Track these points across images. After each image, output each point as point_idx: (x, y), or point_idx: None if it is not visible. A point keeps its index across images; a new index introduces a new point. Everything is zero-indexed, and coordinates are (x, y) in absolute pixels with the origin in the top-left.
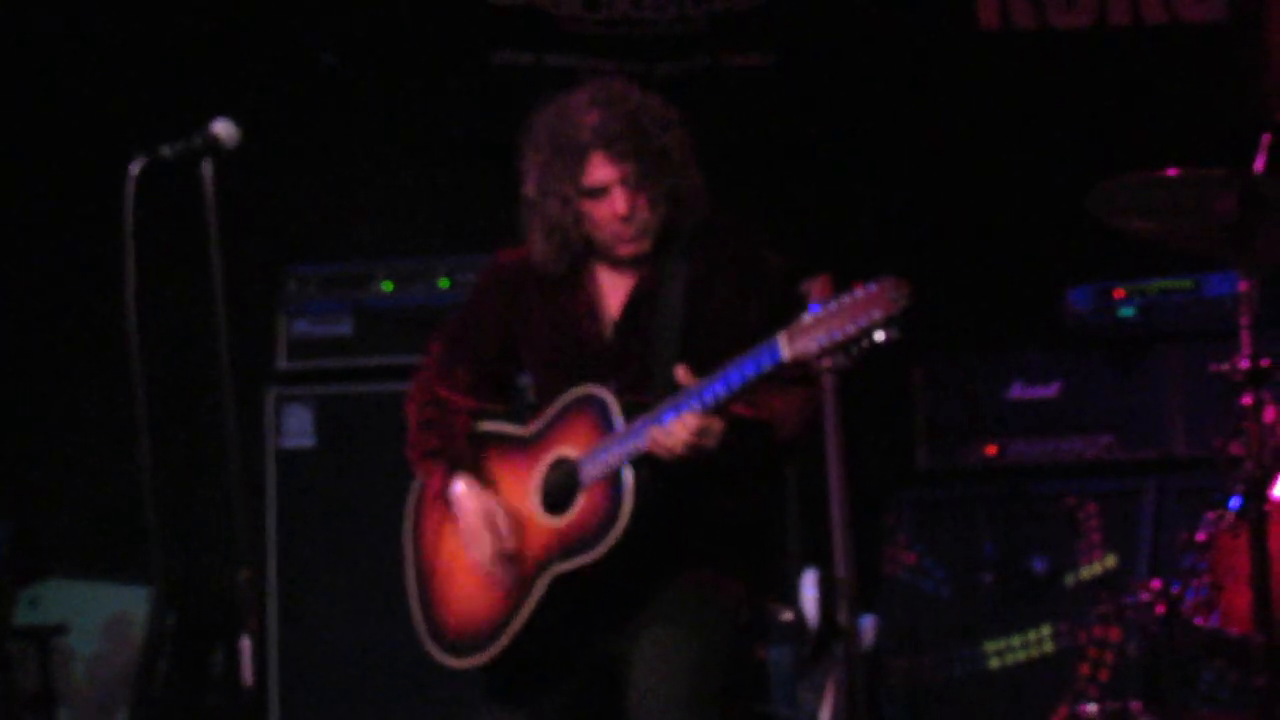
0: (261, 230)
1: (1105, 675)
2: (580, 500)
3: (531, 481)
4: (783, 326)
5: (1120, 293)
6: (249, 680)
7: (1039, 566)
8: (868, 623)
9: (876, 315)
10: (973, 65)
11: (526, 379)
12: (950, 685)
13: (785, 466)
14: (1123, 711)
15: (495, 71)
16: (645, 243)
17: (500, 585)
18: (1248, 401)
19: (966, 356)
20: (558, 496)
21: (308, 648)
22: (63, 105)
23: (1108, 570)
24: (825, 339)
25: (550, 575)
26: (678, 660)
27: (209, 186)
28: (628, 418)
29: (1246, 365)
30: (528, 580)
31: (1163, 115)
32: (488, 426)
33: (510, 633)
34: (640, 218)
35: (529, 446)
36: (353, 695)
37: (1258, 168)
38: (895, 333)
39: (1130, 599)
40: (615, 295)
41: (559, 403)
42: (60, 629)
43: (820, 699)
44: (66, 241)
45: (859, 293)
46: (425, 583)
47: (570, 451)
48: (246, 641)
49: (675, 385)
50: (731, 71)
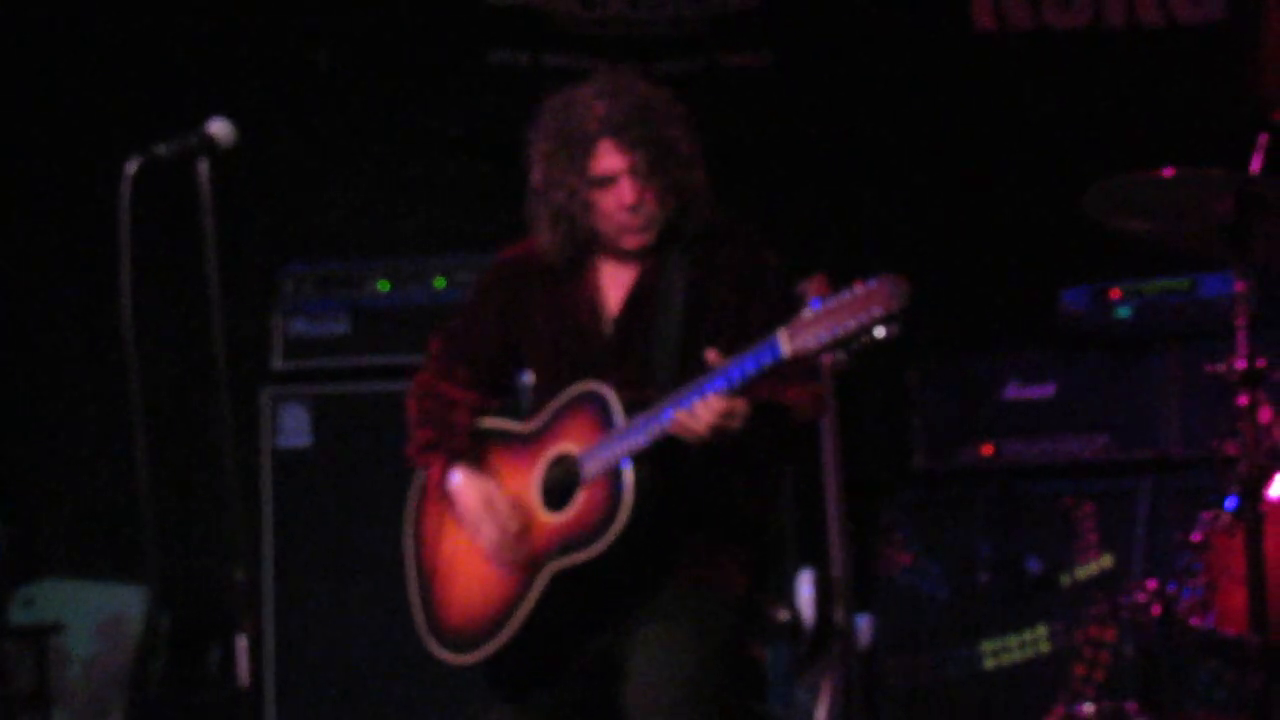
0: (258, 229)
1: (1101, 675)
2: (580, 497)
3: (532, 478)
4: (783, 324)
5: (1116, 293)
6: (245, 680)
7: (1035, 567)
8: (864, 622)
9: (877, 312)
10: (969, 66)
11: (526, 377)
12: (946, 685)
13: (798, 453)
14: (1118, 712)
15: (491, 71)
16: (650, 235)
17: (501, 581)
18: (1243, 402)
19: (962, 357)
20: (558, 493)
21: (304, 647)
22: (59, 104)
23: (1103, 570)
24: (826, 335)
25: (550, 571)
26: (677, 658)
27: (205, 186)
28: (628, 414)
29: (1242, 366)
30: (528, 576)
31: (1159, 116)
32: (488, 423)
33: (510, 629)
34: (647, 208)
35: (530, 443)
36: (349, 695)
37: (1254, 168)
38: (895, 329)
39: (1126, 599)
40: (616, 290)
41: (559, 399)
42: (56, 629)
43: (816, 699)
44: (62, 240)
45: (859, 289)
46: (425, 579)
47: (571, 448)
48: (242, 641)
49: (675, 381)
50: (729, 72)
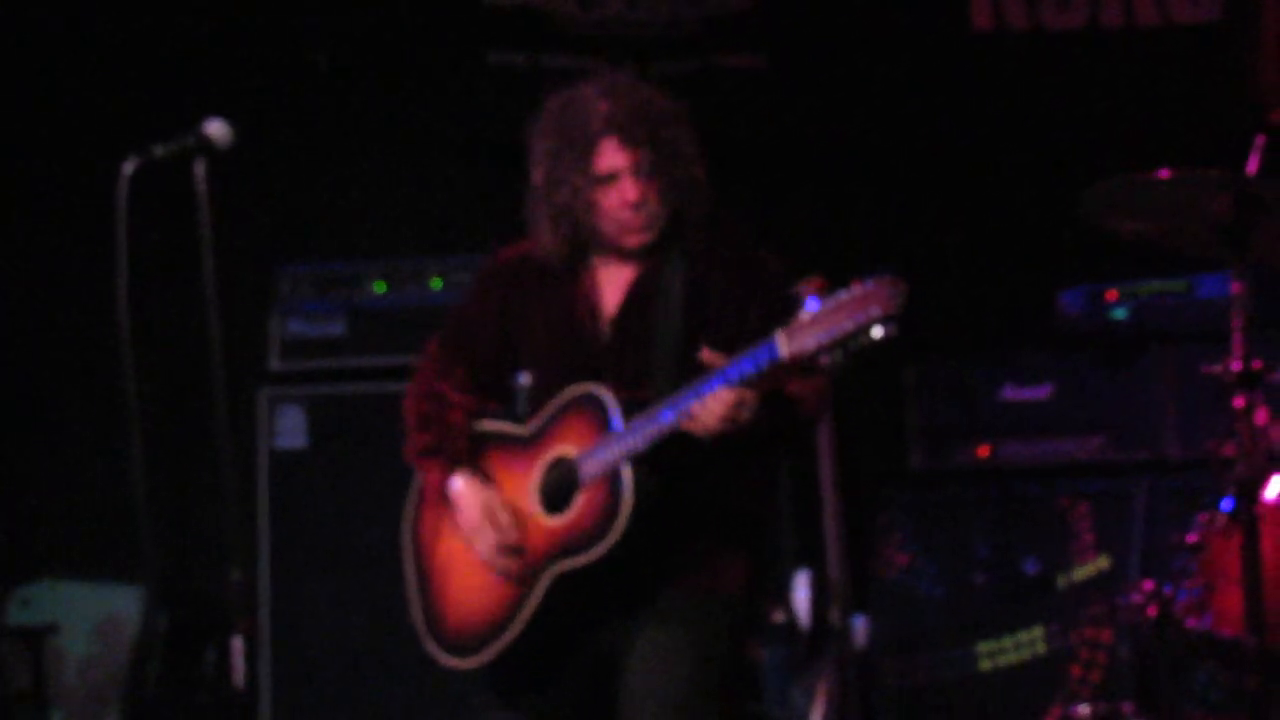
0: (254, 230)
1: (1097, 677)
2: (579, 499)
3: (530, 481)
4: (781, 325)
5: (1113, 294)
6: (241, 681)
7: (1031, 568)
8: (860, 624)
9: (875, 312)
10: (966, 66)
11: (522, 378)
12: (942, 686)
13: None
14: (1115, 713)
15: (490, 72)
16: (652, 233)
17: (500, 585)
18: (1240, 404)
19: (959, 358)
20: (557, 496)
21: (300, 649)
22: (56, 105)
23: (1100, 571)
24: (824, 336)
25: (550, 575)
26: (674, 663)
27: (202, 186)
28: (626, 416)
29: (1239, 367)
30: (528, 580)
31: (1156, 116)
32: (486, 426)
33: (511, 633)
34: (650, 206)
35: (528, 446)
36: (345, 696)
37: (1251, 169)
38: (892, 330)
39: (1122, 600)
40: (614, 291)
41: (557, 401)
42: (52, 630)
43: (812, 700)
44: (58, 241)
45: (856, 290)
46: (425, 582)
47: (569, 450)
48: (238, 642)
49: (673, 382)
50: (725, 73)
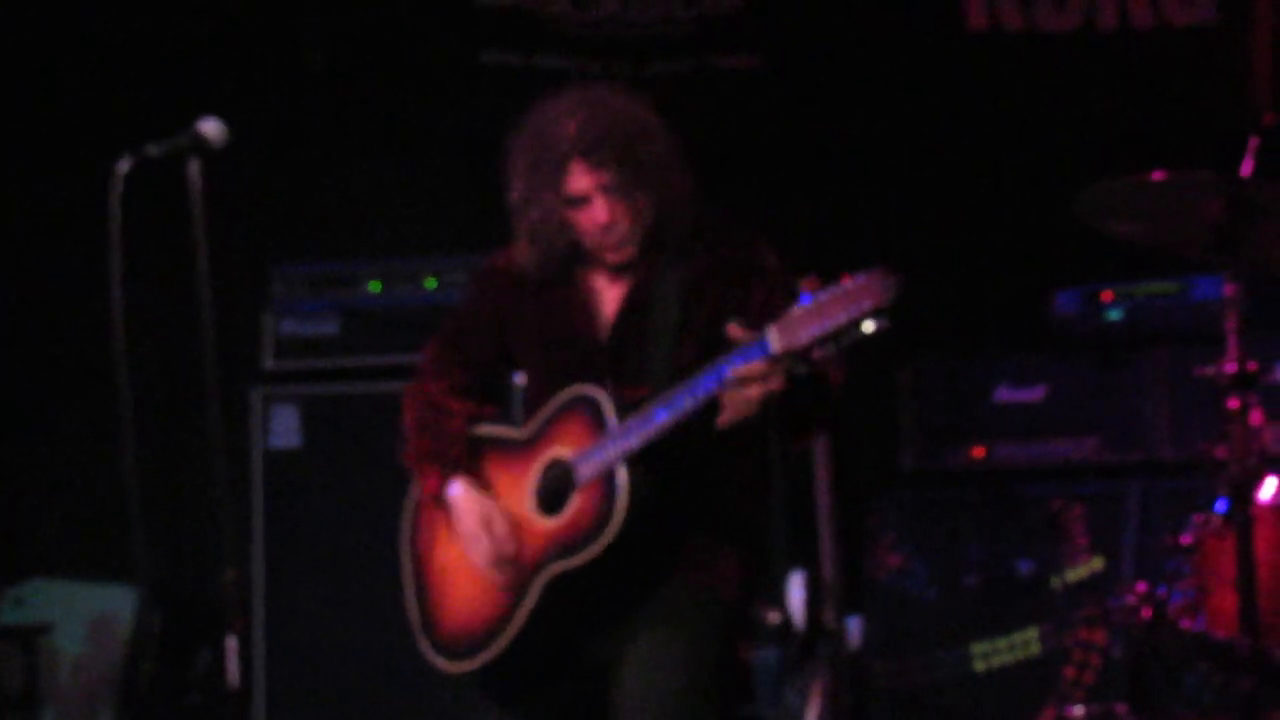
0: (249, 229)
1: (1090, 678)
2: (575, 501)
3: (527, 483)
4: (773, 320)
5: (1107, 296)
6: (235, 681)
7: (1024, 569)
8: (853, 624)
9: (866, 305)
10: (961, 67)
11: (517, 378)
12: (936, 688)
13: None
14: (1108, 714)
15: (483, 71)
16: (629, 250)
17: (497, 588)
18: (1234, 405)
19: (953, 359)
20: (553, 498)
21: (294, 649)
22: (51, 103)
23: (1093, 573)
24: (816, 330)
25: (546, 577)
26: (669, 668)
27: (196, 185)
28: (621, 417)
29: (1233, 369)
30: (524, 583)
31: (1151, 118)
32: (484, 430)
33: (507, 636)
34: (620, 226)
35: (524, 448)
36: (339, 697)
37: (1245, 171)
38: (885, 324)
39: (1115, 602)
40: (610, 298)
41: (553, 404)
42: (45, 629)
43: (806, 701)
44: (52, 239)
45: (849, 284)
46: (422, 586)
47: (564, 452)
48: (232, 642)
49: (670, 385)
50: (720, 73)
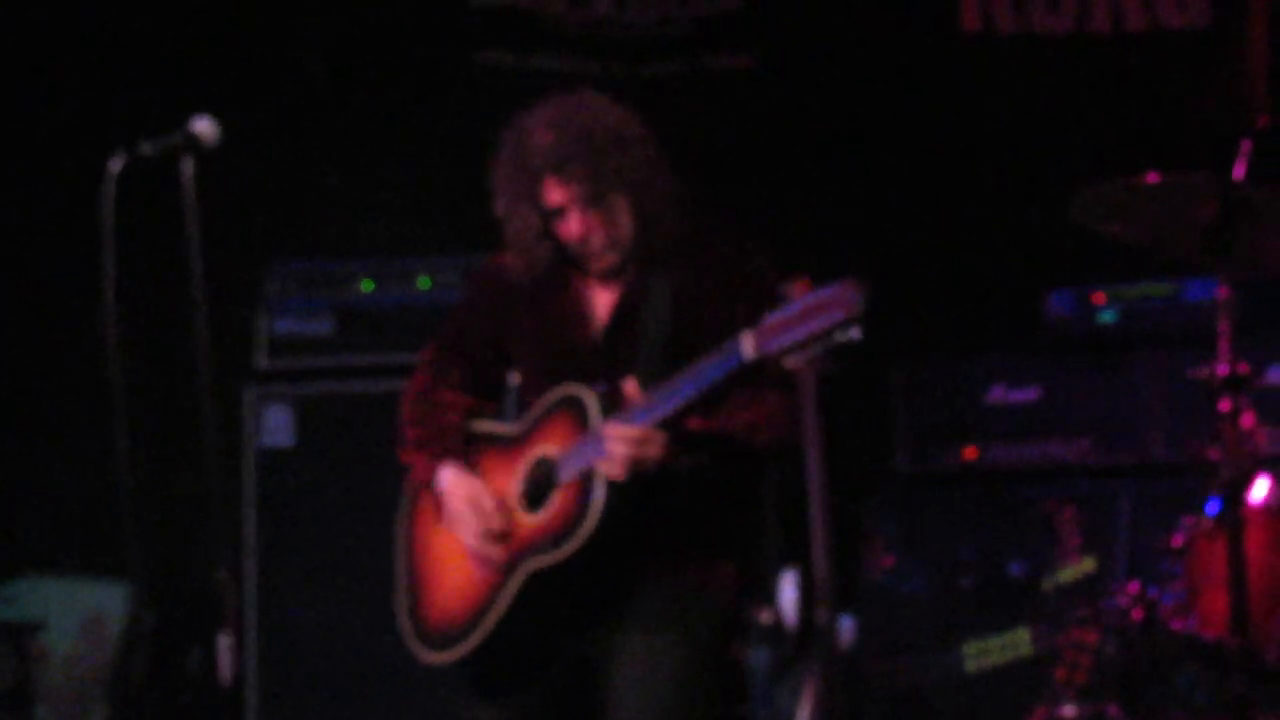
0: (242, 228)
1: (1082, 678)
2: (555, 498)
3: (516, 479)
4: (748, 328)
5: (1100, 297)
6: (227, 679)
7: (1017, 570)
8: (846, 624)
9: (837, 316)
10: (956, 68)
11: (512, 378)
12: (928, 688)
13: (765, 470)
14: (1099, 715)
15: (479, 71)
16: (611, 258)
17: (479, 580)
18: (1225, 407)
19: (946, 360)
20: (537, 494)
21: (286, 646)
22: (46, 102)
23: (1085, 574)
24: (787, 339)
25: (525, 570)
26: (661, 669)
27: (189, 184)
28: (607, 416)
29: (1225, 371)
30: (505, 576)
31: (1144, 121)
32: (479, 426)
33: (486, 627)
34: (596, 237)
35: (514, 445)
36: (332, 694)
37: (1238, 174)
38: (856, 333)
39: (1108, 603)
40: (602, 303)
41: (542, 403)
42: (37, 627)
43: (798, 701)
44: (44, 238)
45: (820, 294)
46: (414, 580)
47: (550, 450)
48: (225, 640)
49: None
50: (716, 73)
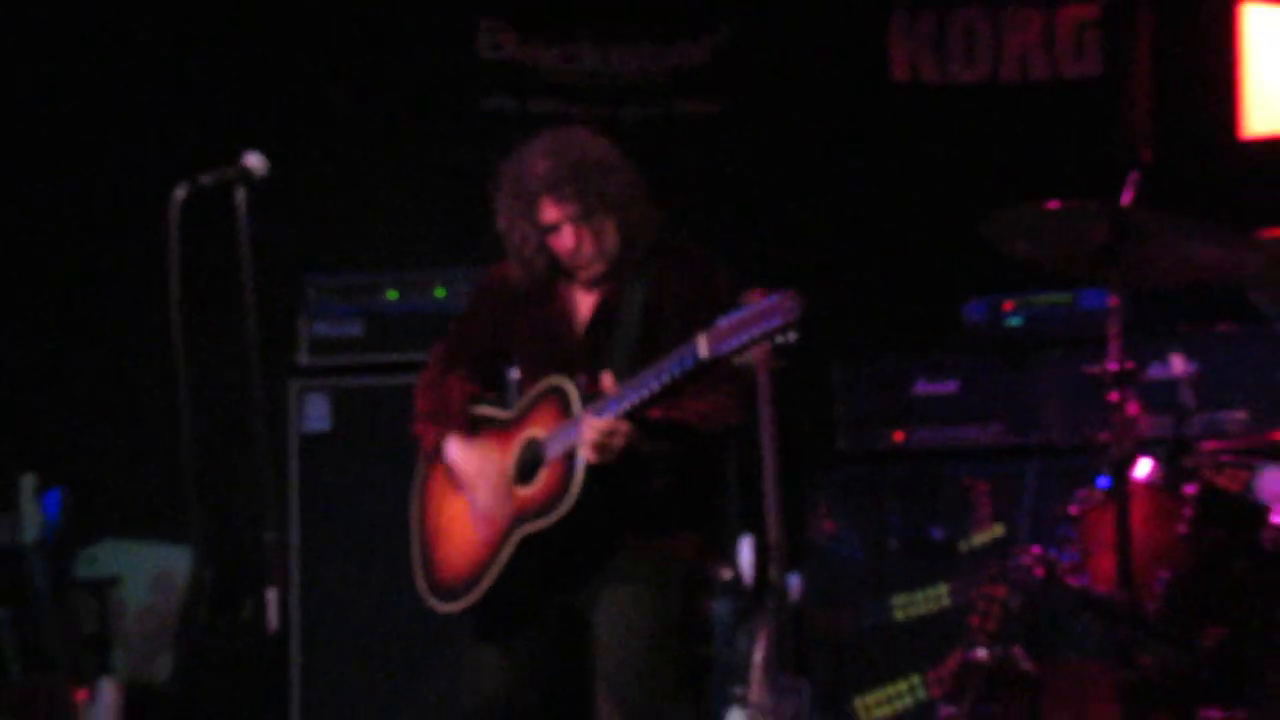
0: (285, 245)
1: (992, 626)
2: (543, 474)
3: (509, 456)
4: (703, 331)
5: (1009, 305)
6: (274, 626)
7: (937, 534)
8: (794, 581)
9: (776, 322)
10: (887, 111)
11: (513, 373)
12: (863, 634)
13: (716, 452)
14: (1006, 656)
15: (484, 114)
16: (598, 268)
17: (482, 542)
18: (1114, 398)
19: (878, 358)
20: (528, 469)
21: (324, 599)
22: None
23: (995, 538)
24: (735, 341)
25: (519, 535)
26: (638, 614)
27: (242, 209)
28: (585, 405)
29: (1114, 368)
30: (501, 539)
31: (1046, 155)
32: (480, 410)
33: (486, 581)
34: (586, 250)
35: (508, 428)
36: (363, 640)
37: (1126, 201)
38: (796, 336)
39: (1014, 562)
40: (584, 307)
41: (532, 392)
42: (114, 582)
43: (754, 643)
44: (123, 253)
45: (763, 304)
46: (424, 541)
47: (539, 432)
48: (272, 593)
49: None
50: (685, 117)
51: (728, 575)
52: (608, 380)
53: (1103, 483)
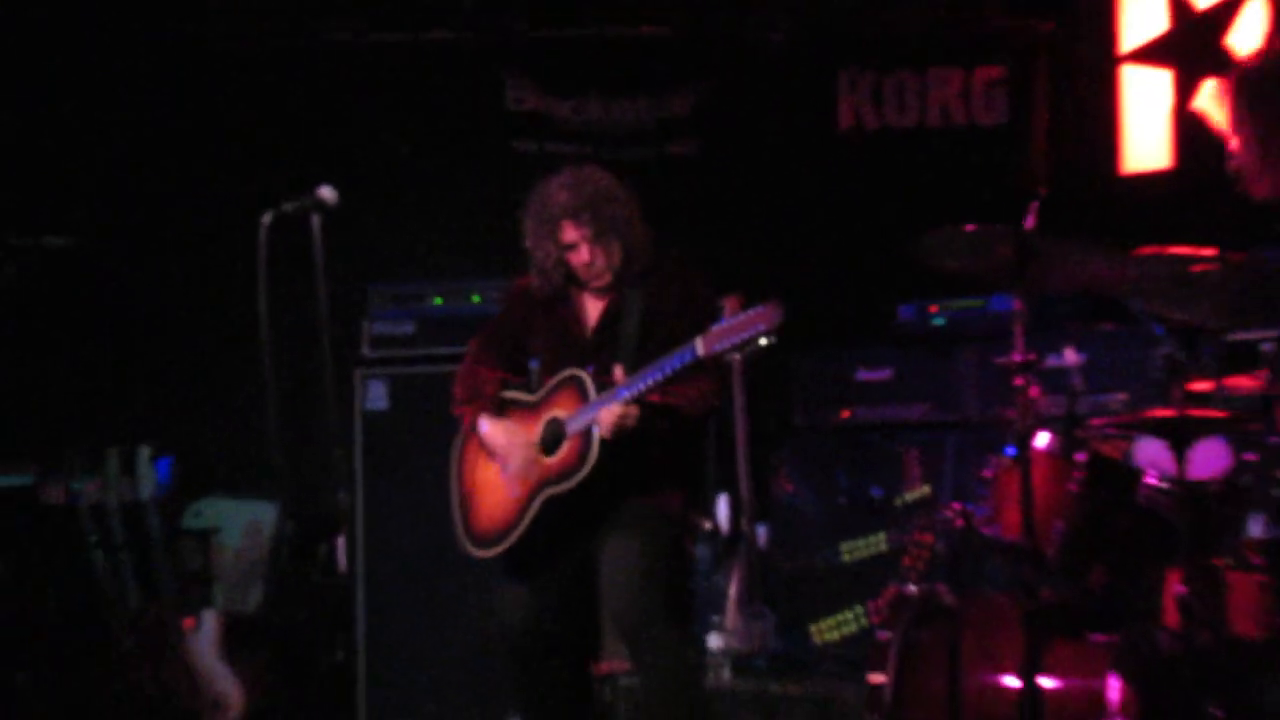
0: (352, 262)
1: (921, 566)
2: (564, 447)
3: (535, 432)
4: (700, 333)
5: (934, 308)
6: (342, 566)
7: (877, 493)
8: (761, 530)
9: (761, 328)
10: (836, 152)
11: (535, 364)
12: (816, 573)
13: (700, 428)
14: (932, 591)
15: (512, 155)
16: (605, 279)
17: (512, 501)
18: (1019, 383)
19: (829, 351)
20: (551, 443)
21: (382, 543)
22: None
23: (923, 496)
24: (726, 342)
25: (543, 497)
26: (635, 555)
27: (317, 232)
28: (599, 392)
29: (1019, 358)
30: (529, 499)
31: (964, 187)
32: (508, 394)
33: (516, 534)
34: (598, 264)
35: (534, 409)
36: (413, 578)
37: (1027, 225)
38: (774, 339)
39: (939, 515)
40: (594, 311)
41: (554, 380)
42: (215, 531)
43: (729, 580)
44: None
45: (750, 313)
46: (463, 498)
47: (560, 413)
48: (341, 541)
49: (634, 371)
50: (673, 157)
51: (707, 526)
52: (618, 371)
53: (1009, 451)
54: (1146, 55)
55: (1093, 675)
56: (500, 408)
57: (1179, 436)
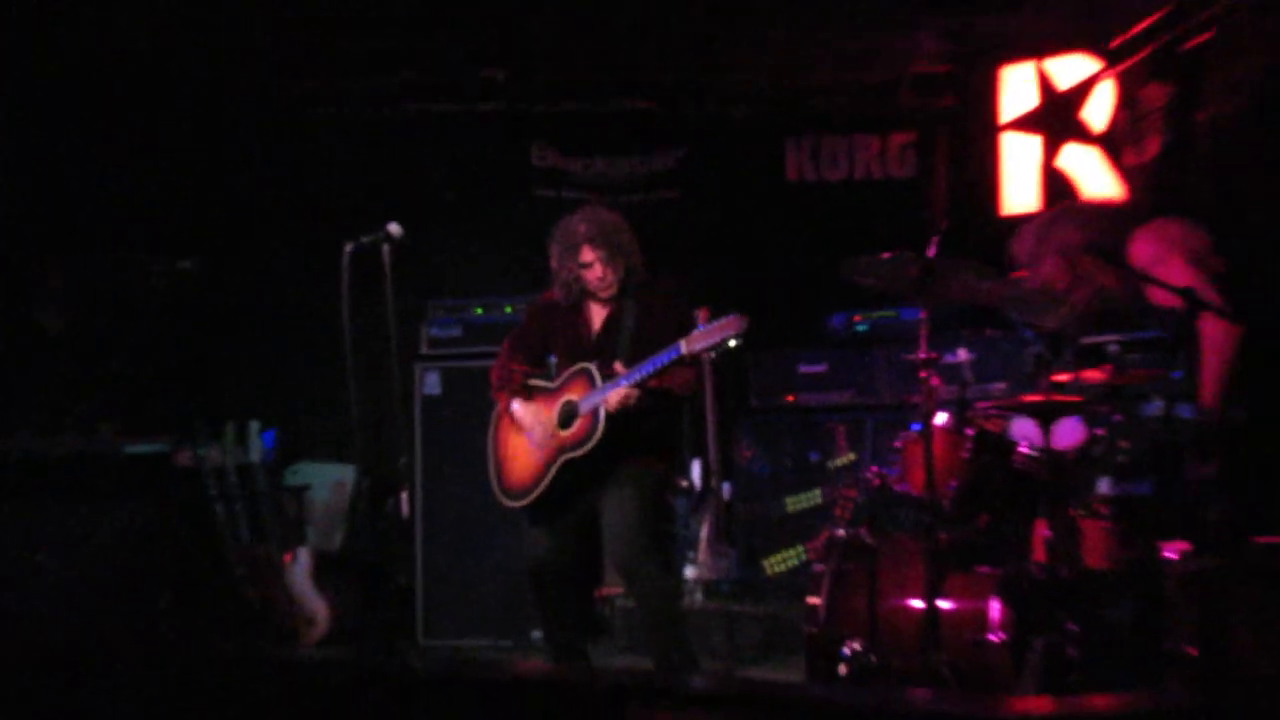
0: (415, 282)
1: (847, 515)
2: (577, 422)
3: (554, 410)
4: (683, 336)
5: (858, 317)
6: (406, 514)
7: (814, 458)
8: (726, 487)
9: (730, 332)
10: (783, 201)
11: (553, 359)
12: (768, 519)
13: (680, 408)
14: (857, 535)
15: (537, 199)
16: (613, 290)
17: (536, 464)
18: (923, 375)
19: (778, 349)
20: (566, 419)
21: (437, 498)
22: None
23: (850, 461)
24: (704, 344)
25: (560, 460)
26: (630, 504)
27: (387, 260)
28: (603, 380)
29: (923, 356)
30: (549, 462)
31: (882, 224)
32: (533, 382)
33: (540, 488)
34: (608, 279)
35: (553, 394)
36: (460, 523)
37: (930, 253)
38: (740, 342)
39: (862, 476)
40: (599, 317)
41: (568, 371)
42: (307, 488)
43: (701, 526)
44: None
45: (722, 320)
46: (498, 462)
47: (573, 397)
48: (405, 494)
49: (630, 366)
50: (660, 201)
51: (684, 484)
52: (619, 365)
53: (915, 427)
54: (1021, 124)
55: (979, 598)
56: (527, 392)
57: (1045, 416)
